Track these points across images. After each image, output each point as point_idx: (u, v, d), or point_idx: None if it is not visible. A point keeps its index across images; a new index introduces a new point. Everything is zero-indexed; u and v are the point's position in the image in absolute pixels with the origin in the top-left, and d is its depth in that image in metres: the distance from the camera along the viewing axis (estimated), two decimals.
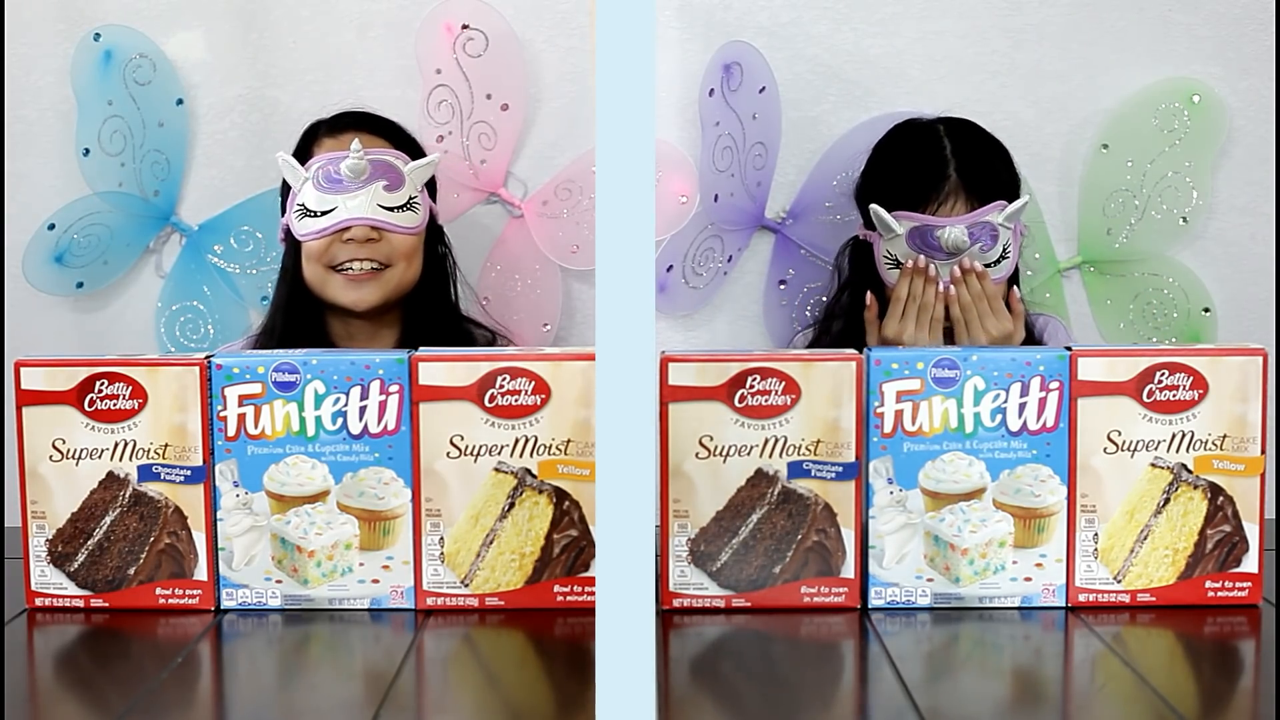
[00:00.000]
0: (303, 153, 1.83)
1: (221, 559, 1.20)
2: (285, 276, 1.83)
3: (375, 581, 1.20)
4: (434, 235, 1.86)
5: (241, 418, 1.19)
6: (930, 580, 1.19)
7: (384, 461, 1.19)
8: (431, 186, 1.86)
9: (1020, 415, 1.17)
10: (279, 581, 1.20)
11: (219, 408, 1.19)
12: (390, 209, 1.76)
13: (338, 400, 1.19)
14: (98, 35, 2.01)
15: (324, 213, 1.75)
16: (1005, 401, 1.17)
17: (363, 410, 1.19)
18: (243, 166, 2.06)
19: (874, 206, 1.81)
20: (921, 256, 1.79)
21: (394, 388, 1.18)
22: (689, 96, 2.00)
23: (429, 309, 1.85)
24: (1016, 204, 1.79)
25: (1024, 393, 1.17)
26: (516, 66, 2.03)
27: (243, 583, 1.20)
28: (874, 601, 1.19)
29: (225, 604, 1.20)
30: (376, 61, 2.05)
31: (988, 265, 1.79)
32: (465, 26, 2.01)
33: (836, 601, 1.18)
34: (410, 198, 1.78)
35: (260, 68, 2.06)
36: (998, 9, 2.05)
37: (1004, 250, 1.79)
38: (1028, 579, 1.19)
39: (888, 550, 1.19)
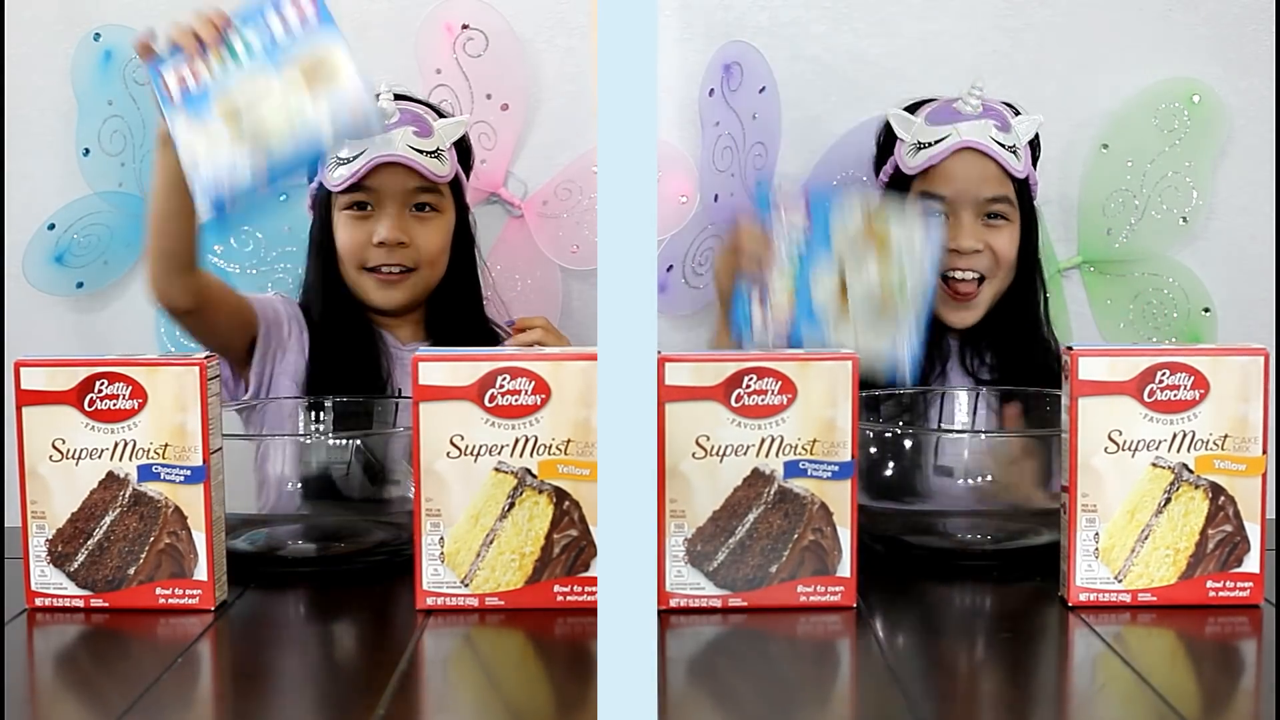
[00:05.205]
0: None
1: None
2: (314, 248, 1.85)
3: None
4: (463, 235, 1.88)
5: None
6: None
7: None
8: (466, 164, 1.88)
9: None
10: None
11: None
12: (420, 151, 1.77)
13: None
14: (98, 35, 2.01)
15: (355, 157, 1.76)
16: None
17: None
18: None
19: (890, 110, 1.84)
20: None
21: None
22: (689, 96, 2.00)
23: (451, 309, 1.87)
24: (1031, 116, 1.82)
25: None
26: (516, 66, 2.03)
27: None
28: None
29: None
30: (376, 61, 2.05)
31: (1003, 146, 1.79)
32: (465, 26, 2.01)
33: (833, 600, 1.18)
34: (439, 148, 1.80)
35: None
36: (998, 9, 2.05)
37: (1016, 147, 1.79)
38: None
39: None
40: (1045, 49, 2.05)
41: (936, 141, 1.78)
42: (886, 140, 1.87)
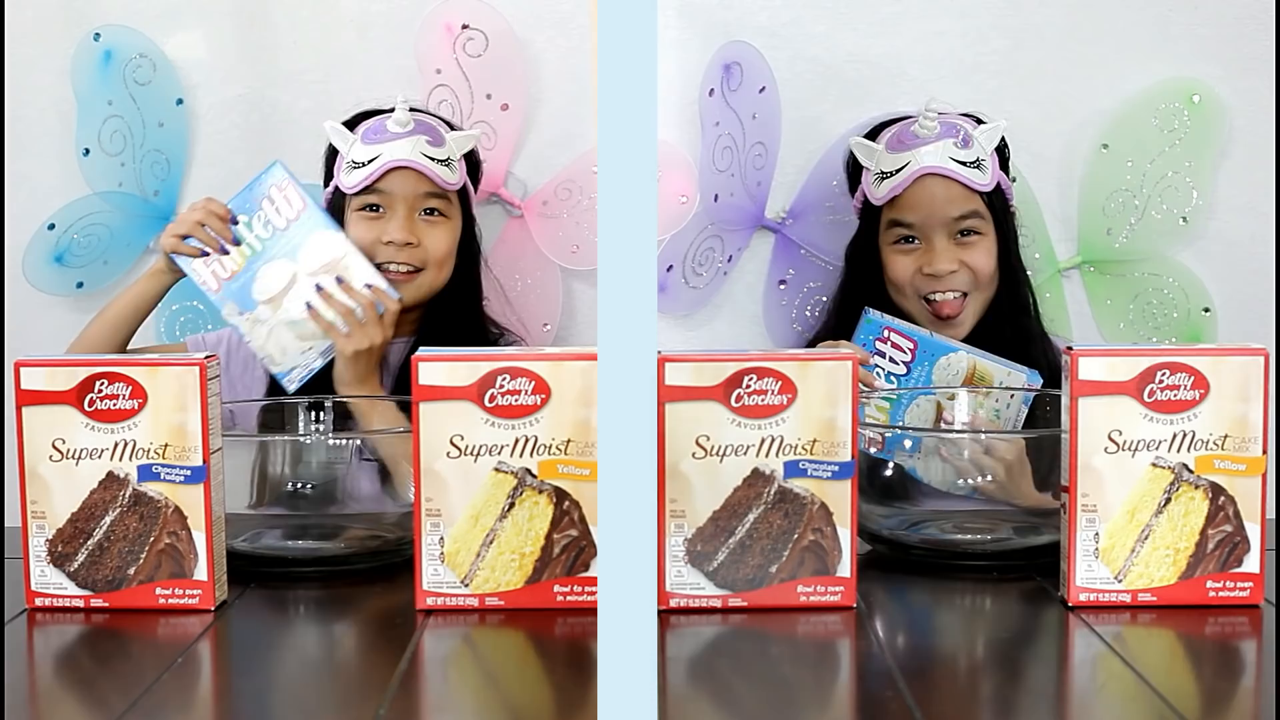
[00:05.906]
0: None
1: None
2: None
3: None
4: (468, 244, 1.90)
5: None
6: None
7: None
8: (474, 177, 1.91)
9: None
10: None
11: None
12: (432, 159, 1.81)
13: None
14: (98, 35, 2.01)
15: (370, 161, 1.81)
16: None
17: None
18: (243, 166, 2.06)
19: (853, 139, 1.87)
20: None
21: None
22: (689, 96, 2.00)
23: (449, 312, 1.89)
24: (993, 124, 1.83)
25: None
26: (516, 66, 2.03)
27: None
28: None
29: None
30: (376, 61, 2.05)
31: (964, 164, 1.79)
32: (465, 26, 2.01)
33: (833, 600, 1.18)
34: (449, 158, 1.84)
35: (260, 68, 2.06)
36: (998, 9, 2.05)
37: (980, 160, 1.79)
38: None
39: None
40: (1045, 49, 2.04)
41: (897, 170, 1.79)
42: (854, 169, 1.89)
